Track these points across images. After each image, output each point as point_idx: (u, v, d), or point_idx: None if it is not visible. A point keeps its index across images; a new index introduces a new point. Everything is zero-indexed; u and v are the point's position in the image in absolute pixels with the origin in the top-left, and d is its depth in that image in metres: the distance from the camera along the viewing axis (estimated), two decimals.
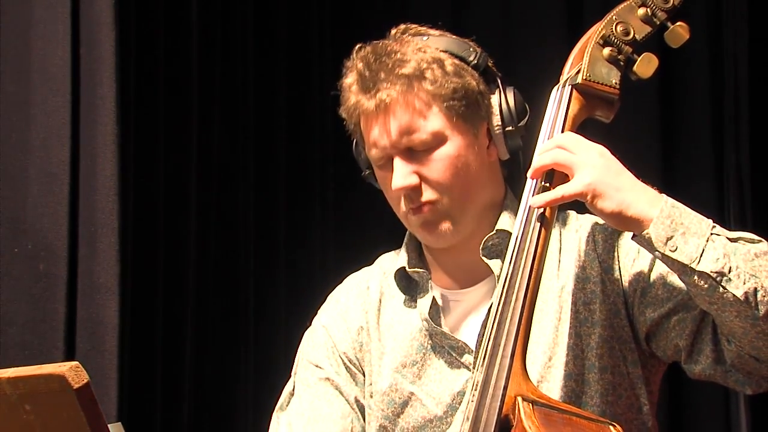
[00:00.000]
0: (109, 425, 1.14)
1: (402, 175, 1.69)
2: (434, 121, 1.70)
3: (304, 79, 3.00)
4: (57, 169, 2.35)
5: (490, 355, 1.56)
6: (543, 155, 1.59)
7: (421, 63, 1.69)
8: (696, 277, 1.52)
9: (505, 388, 1.53)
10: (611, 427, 1.53)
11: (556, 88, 1.69)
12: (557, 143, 1.59)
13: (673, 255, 1.51)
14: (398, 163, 1.70)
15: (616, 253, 1.72)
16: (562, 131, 1.65)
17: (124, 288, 2.41)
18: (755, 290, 1.51)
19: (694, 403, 2.79)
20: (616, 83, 1.67)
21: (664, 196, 1.55)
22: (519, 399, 1.52)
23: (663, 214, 1.52)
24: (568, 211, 1.82)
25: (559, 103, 1.67)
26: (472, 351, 1.71)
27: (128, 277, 2.45)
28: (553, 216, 1.61)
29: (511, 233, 1.63)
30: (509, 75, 1.80)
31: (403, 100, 1.69)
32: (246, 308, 2.86)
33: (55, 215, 2.35)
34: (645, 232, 1.52)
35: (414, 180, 1.70)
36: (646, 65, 1.68)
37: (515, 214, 1.66)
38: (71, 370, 1.10)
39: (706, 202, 2.61)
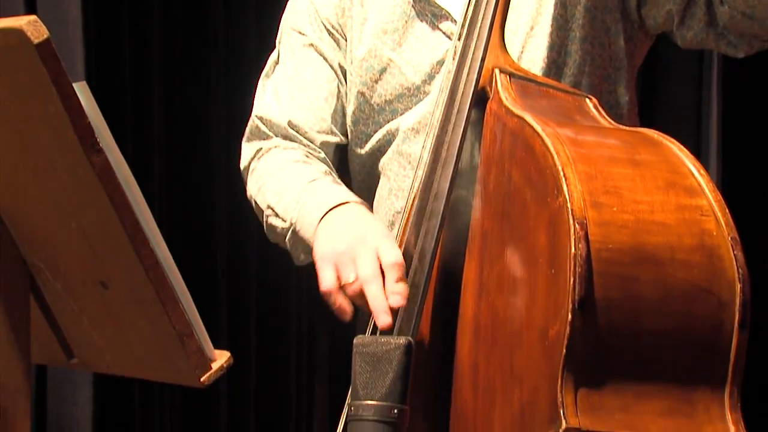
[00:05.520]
0: (74, 84, 1.10)
1: None
2: None
3: None
4: None
5: (468, 25, 1.52)
6: None
7: None
8: None
9: (483, 59, 1.50)
10: (587, 99, 1.53)
11: None
12: None
13: None
14: None
15: None
16: None
17: None
18: None
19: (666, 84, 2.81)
20: None
21: None
22: (496, 71, 1.50)
23: None
24: None
25: None
26: (455, 21, 1.67)
27: None
28: None
29: None
30: None
31: None
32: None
33: None
34: None
35: None
36: None
37: None
38: (29, 24, 1.05)
39: None
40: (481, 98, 1.50)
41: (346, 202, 1.63)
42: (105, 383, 2.46)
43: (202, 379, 1.22)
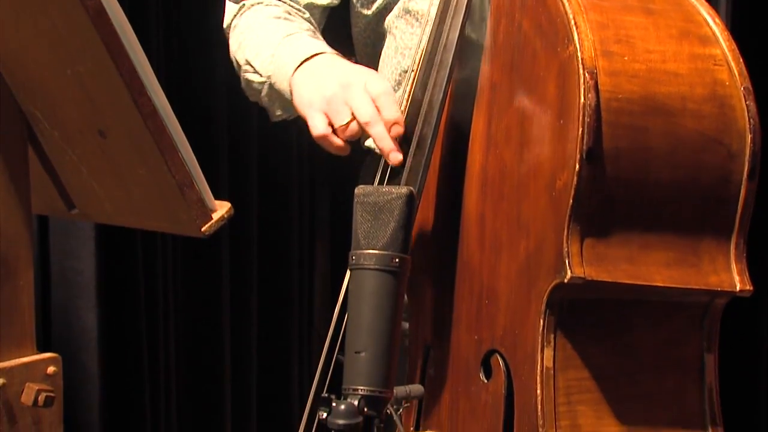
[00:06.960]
0: None
1: None
2: None
3: None
4: None
5: None
6: None
7: None
8: None
9: None
10: None
11: None
12: None
13: None
14: None
15: None
16: None
17: None
18: None
19: None
20: None
21: None
22: None
23: None
24: None
25: None
26: None
27: None
28: None
29: None
30: None
31: None
32: None
33: None
34: None
35: None
36: None
37: None
38: None
39: None
40: None
41: (322, 52, 1.58)
42: (107, 237, 2.46)
43: (203, 229, 1.20)
